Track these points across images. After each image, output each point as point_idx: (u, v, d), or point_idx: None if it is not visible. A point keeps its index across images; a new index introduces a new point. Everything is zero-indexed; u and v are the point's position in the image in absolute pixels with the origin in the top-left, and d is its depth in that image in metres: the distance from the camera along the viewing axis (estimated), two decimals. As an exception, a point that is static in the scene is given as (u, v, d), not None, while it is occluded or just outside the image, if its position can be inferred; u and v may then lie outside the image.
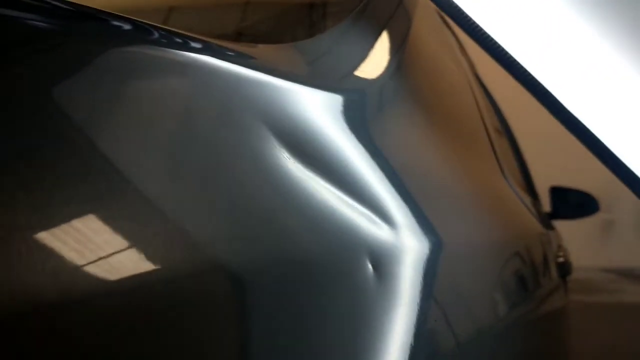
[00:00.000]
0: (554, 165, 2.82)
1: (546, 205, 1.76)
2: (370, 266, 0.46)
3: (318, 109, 0.53)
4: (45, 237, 0.28)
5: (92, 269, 0.29)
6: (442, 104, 0.93)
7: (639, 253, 3.53)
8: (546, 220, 1.34)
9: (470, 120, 1.07)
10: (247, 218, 0.39)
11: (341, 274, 0.44)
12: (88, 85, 0.33)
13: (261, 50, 0.55)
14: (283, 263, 0.40)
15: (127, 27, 0.38)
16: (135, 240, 0.31)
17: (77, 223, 0.29)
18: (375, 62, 0.72)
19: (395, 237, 0.52)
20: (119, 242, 0.31)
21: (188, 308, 0.33)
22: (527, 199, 1.33)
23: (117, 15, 0.37)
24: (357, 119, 0.61)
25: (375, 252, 0.48)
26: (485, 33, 0.89)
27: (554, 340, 1.17)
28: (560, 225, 1.73)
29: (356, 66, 0.68)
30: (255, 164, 0.42)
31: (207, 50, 0.44)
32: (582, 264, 2.22)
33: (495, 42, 0.89)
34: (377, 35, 0.75)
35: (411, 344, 0.48)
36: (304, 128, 0.50)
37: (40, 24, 0.32)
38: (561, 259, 1.30)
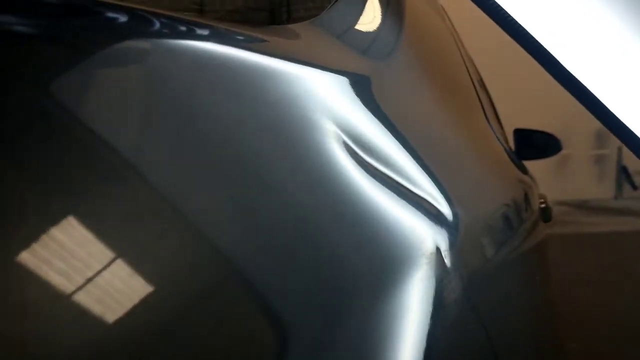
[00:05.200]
0: (517, 106, 2.89)
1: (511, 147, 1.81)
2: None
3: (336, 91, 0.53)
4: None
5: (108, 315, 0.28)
6: (440, 64, 0.98)
7: (592, 186, 3.67)
8: (522, 166, 1.42)
9: (460, 74, 1.13)
10: (277, 227, 0.38)
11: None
12: (85, 87, 0.32)
13: (278, 31, 0.55)
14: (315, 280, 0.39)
15: (123, 18, 0.36)
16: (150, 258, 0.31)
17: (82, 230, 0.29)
18: (385, 30, 0.73)
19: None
20: (137, 258, 0.30)
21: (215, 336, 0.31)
22: (507, 146, 1.40)
23: (113, 4, 0.35)
24: (379, 95, 0.62)
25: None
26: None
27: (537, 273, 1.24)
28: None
29: (374, 37, 0.68)
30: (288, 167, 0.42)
31: (215, 37, 0.43)
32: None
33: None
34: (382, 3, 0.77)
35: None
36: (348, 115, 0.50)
37: (24, 27, 0.30)
38: (543, 205, 1.38)
